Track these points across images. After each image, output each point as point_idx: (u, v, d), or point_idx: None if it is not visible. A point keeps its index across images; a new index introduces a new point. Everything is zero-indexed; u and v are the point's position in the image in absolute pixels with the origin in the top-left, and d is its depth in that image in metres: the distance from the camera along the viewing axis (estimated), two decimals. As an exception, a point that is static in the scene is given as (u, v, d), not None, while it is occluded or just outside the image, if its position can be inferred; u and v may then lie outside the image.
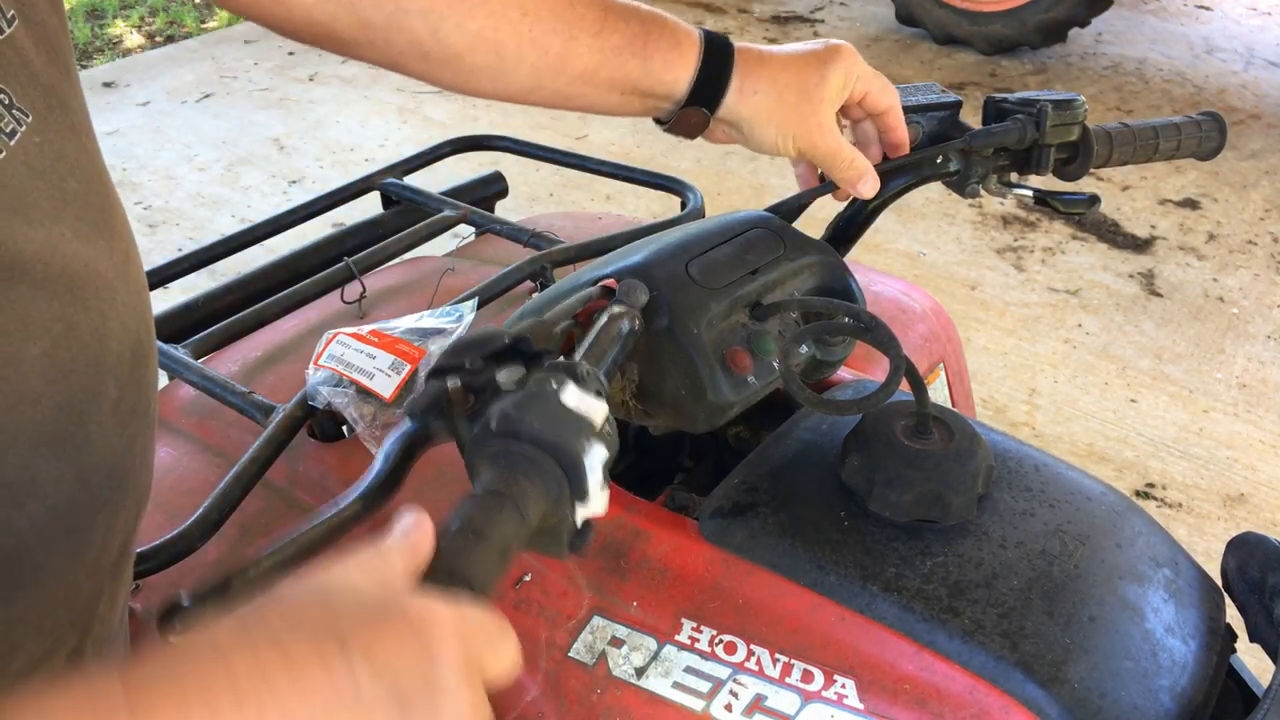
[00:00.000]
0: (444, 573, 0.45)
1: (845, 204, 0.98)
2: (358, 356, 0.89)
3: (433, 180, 1.37)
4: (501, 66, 0.77)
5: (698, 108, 0.81)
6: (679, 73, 0.80)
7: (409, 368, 0.88)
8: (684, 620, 0.72)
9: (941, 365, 1.19)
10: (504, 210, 1.45)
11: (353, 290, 1.17)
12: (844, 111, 0.86)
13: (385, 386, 0.86)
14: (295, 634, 0.38)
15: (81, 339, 0.49)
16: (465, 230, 1.32)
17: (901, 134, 0.87)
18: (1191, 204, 3.52)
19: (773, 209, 0.90)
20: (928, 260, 3.19)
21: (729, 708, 0.69)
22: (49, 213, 0.49)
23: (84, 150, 0.53)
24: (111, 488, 0.50)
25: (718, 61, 0.80)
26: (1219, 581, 0.77)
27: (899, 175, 0.93)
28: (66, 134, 0.52)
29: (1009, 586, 0.70)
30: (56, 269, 0.49)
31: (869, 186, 0.85)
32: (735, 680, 0.70)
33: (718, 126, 0.84)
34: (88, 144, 0.54)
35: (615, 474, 0.59)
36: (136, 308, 0.54)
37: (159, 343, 1.01)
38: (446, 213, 1.28)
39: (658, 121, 0.86)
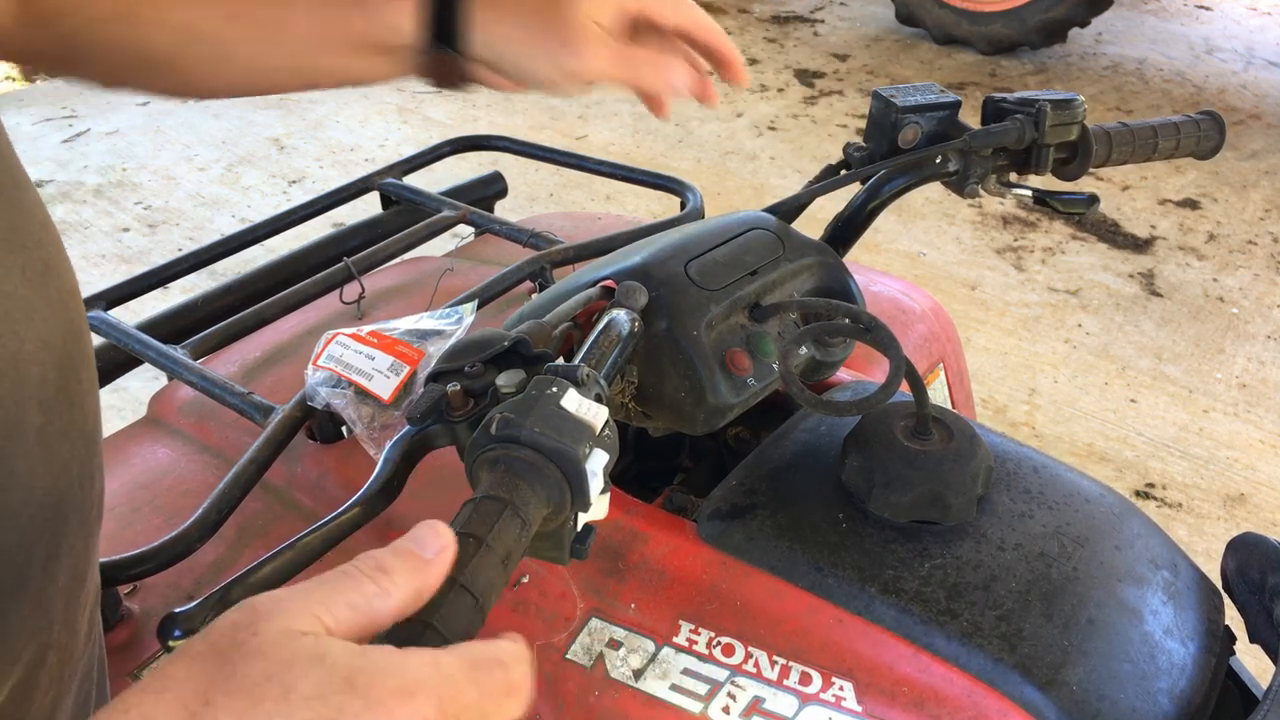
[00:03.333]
0: (445, 581, 0.44)
1: (845, 204, 0.98)
2: (357, 357, 0.89)
3: (432, 180, 1.37)
4: (219, 53, 0.68)
5: (442, 50, 0.71)
6: (400, 13, 0.69)
7: (408, 369, 0.88)
8: (682, 622, 0.72)
9: (941, 365, 1.19)
10: (504, 210, 1.45)
11: (352, 291, 1.17)
12: (636, 41, 0.73)
13: (384, 388, 0.86)
14: None
15: None
16: (465, 230, 1.32)
17: (727, 50, 0.73)
18: (1191, 204, 3.52)
19: (771, 209, 0.90)
20: (928, 260, 3.18)
21: (727, 710, 0.69)
22: None
23: None
24: (45, 519, 0.46)
25: None
26: (1218, 583, 0.77)
27: (899, 175, 0.93)
28: None
29: (1007, 589, 0.70)
30: None
31: (681, 78, 0.71)
32: (733, 682, 0.70)
33: (478, 69, 0.73)
34: None
35: (614, 475, 0.59)
36: (63, 320, 0.48)
37: (158, 343, 1.02)
38: (446, 213, 1.28)
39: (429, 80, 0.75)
